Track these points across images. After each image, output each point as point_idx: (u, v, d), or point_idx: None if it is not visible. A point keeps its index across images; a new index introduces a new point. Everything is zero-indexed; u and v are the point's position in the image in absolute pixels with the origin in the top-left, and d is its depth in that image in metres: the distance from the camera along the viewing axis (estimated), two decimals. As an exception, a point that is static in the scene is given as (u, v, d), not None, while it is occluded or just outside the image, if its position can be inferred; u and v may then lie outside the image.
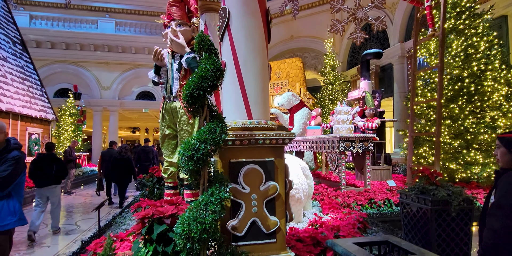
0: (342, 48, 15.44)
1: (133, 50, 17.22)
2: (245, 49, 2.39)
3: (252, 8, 2.39)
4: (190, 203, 2.99)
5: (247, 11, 2.37)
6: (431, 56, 7.31)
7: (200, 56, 1.98)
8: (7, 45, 10.27)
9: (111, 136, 17.43)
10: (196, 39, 1.93)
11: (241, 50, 2.39)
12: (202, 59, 1.91)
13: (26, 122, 9.86)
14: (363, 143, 6.21)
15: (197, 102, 1.85)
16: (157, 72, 3.11)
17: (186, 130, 2.97)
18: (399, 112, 11.53)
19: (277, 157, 2.34)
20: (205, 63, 1.84)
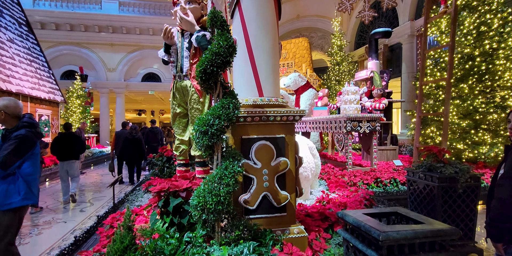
0: (349, 28, 15.12)
1: (138, 31, 17.05)
2: (256, 26, 2.38)
3: (263, -17, 2.36)
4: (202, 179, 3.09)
5: (258, -14, 2.35)
6: (442, 34, 7.15)
7: (212, 33, 1.98)
8: (13, 27, 10.22)
9: (117, 118, 17.58)
10: (208, 15, 1.93)
11: (252, 27, 2.38)
12: (214, 36, 1.92)
13: (35, 103, 9.96)
14: (370, 123, 6.22)
15: (210, 79, 1.88)
16: (167, 51, 3.11)
17: (197, 109, 3.01)
18: (407, 92, 11.42)
19: (288, 134, 2.38)
20: (218, 40, 1.85)
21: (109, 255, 1.88)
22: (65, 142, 5.92)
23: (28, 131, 2.64)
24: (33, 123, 2.73)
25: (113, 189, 3.75)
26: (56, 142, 5.94)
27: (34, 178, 2.69)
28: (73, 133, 6.14)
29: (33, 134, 2.68)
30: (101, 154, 13.40)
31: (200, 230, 1.91)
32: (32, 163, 2.68)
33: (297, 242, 2.29)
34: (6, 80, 8.28)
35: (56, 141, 5.96)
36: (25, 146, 2.61)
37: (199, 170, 3.06)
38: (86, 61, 16.91)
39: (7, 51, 9.03)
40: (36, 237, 4.10)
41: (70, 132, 6.19)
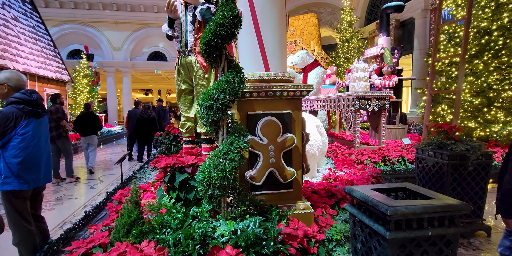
0: (360, 2, 14.57)
1: (142, 8, 16.70)
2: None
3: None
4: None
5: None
6: (458, 7, 6.83)
7: (216, 3, 1.89)
8: (16, 5, 10.07)
9: (125, 98, 17.62)
10: (211, -17, 1.83)
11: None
12: (219, 6, 1.83)
13: (43, 83, 9.99)
14: (379, 101, 6.10)
15: (215, 52, 1.81)
16: (171, 25, 3.02)
17: (202, 85, 2.95)
18: (418, 70, 11.13)
19: (295, 110, 2.33)
20: (222, 10, 1.77)
21: (117, 229, 1.90)
22: (86, 120, 6.80)
23: (13, 108, 2.43)
24: (26, 100, 2.49)
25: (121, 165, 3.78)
26: (79, 120, 6.85)
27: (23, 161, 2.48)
28: (92, 113, 6.99)
29: (21, 111, 2.46)
30: (110, 134, 13.54)
31: (206, 205, 1.91)
32: (17, 144, 2.46)
33: (303, 218, 2.30)
34: (12, 59, 8.26)
35: (79, 119, 6.87)
36: (5, 125, 2.39)
37: (205, 147, 3.04)
38: (92, 40, 16.75)
39: (12, 29, 8.95)
40: (48, 213, 4.21)
41: (90, 111, 7.04)
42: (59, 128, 5.86)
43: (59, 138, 5.89)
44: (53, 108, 5.85)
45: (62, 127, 5.88)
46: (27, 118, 2.52)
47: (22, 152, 2.48)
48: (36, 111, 2.58)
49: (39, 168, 2.63)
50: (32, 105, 2.53)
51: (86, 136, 6.95)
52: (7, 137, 2.43)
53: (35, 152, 2.58)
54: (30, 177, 2.53)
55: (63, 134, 5.94)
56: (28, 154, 2.53)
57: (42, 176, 2.66)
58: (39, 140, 2.64)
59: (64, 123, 5.87)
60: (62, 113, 5.91)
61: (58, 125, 5.84)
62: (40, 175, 2.64)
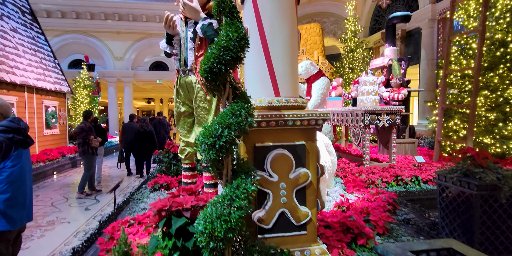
0: (364, 12, 14.40)
1: (144, 18, 16.61)
2: (271, 12, 2.00)
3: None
4: (210, 186, 2.78)
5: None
6: (470, 18, 6.58)
7: (219, 22, 1.62)
8: (16, 15, 9.92)
9: (126, 107, 17.41)
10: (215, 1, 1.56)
11: (267, 14, 2.00)
12: (222, 26, 1.56)
13: (41, 95, 9.77)
14: (389, 116, 5.81)
15: (217, 79, 1.53)
16: (170, 42, 2.75)
17: (203, 108, 2.67)
18: (425, 81, 10.85)
19: (309, 140, 2.03)
20: (227, 31, 1.50)
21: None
22: None
23: (2, 137, 2.19)
24: (14, 128, 2.26)
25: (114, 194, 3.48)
26: None
27: (11, 197, 2.21)
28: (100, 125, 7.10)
29: (10, 141, 2.21)
30: (110, 145, 13.27)
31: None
32: (5, 178, 2.20)
33: (320, 266, 1.99)
34: (9, 72, 8.05)
35: None
36: None
37: (207, 176, 2.75)
38: (93, 50, 16.64)
39: (10, 41, 8.77)
40: (37, 241, 3.90)
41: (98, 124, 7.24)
42: (85, 145, 6.00)
43: (84, 154, 6.05)
44: (82, 125, 6.10)
45: (89, 144, 5.99)
46: (16, 148, 2.27)
47: (10, 186, 2.22)
48: (25, 141, 2.34)
49: (25, 204, 2.36)
50: (21, 134, 2.29)
51: None
52: None
53: (23, 186, 2.32)
54: (16, 215, 2.26)
55: (89, 150, 6.04)
56: (17, 188, 2.26)
57: (26, 213, 2.38)
58: (26, 172, 2.38)
59: (92, 140, 6.02)
60: (90, 130, 6.09)
61: (85, 141, 6.00)
62: (24, 212, 2.36)
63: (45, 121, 9.81)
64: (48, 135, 9.90)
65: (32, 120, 9.09)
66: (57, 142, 10.45)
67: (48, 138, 9.89)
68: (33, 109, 9.22)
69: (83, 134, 5.98)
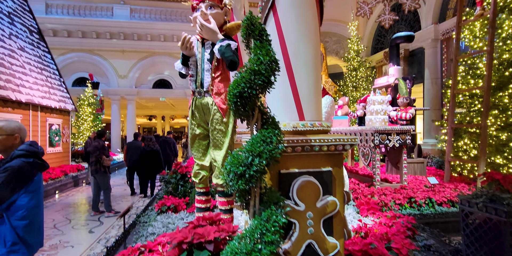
0: (366, 32, 14.63)
1: (149, 38, 16.87)
2: (295, 34, 1.96)
3: (304, -18, 1.94)
4: (225, 212, 2.65)
5: (298, -14, 1.93)
6: (476, 38, 6.61)
7: (247, 44, 1.57)
8: (24, 35, 10.06)
9: (129, 125, 17.37)
10: (243, 22, 1.51)
11: (291, 36, 1.96)
12: (251, 48, 1.50)
13: (46, 112, 9.74)
14: (399, 136, 5.73)
15: (247, 104, 1.46)
16: (185, 63, 2.71)
17: (220, 130, 2.58)
18: (430, 99, 10.85)
19: (335, 166, 1.94)
20: (257, 54, 1.44)
21: None
22: None
23: (23, 162, 2.11)
24: (34, 152, 2.20)
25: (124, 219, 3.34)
26: None
27: (30, 223, 2.11)
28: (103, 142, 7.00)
29: (31, 165, 2.14)
30: (112, 163, 13.11)
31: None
32: (26, 204, 2.10)
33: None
34: (15, 90, 8.05)
35: None
36: (15, 182, 2.06)
37: (222, 200, 2.63)
38: (98, 68, 16.79)
39: (17, 59, 8.83)
40: (39, 267, 3.73)
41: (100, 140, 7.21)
42: (97, 163, 6.06)
43: (97, 173, 6.10)
44: (96, 143, 6.17)
45: (101, 163, 6.06)
46: (36, 173, 2.20)
47: (30, 212, 2.13)
48: (44, 165, 2.28)
49: (40, 230, 2.28)
50: (39, 158, 2.23)
51: None
52: (15, 196, 2.08)
53: (40, 210, 2.25)
54: (33, 241, 2.18)
55: (102, 169, 6.10)
56: (35, 214, 2.18)
57: (41, 239, 2.30)
58: (41, 196, 2.30)
59: (104, 159, 6.09)
60: (103, 149, 6.17)
61: (97, 160, 6.07)
62: (40, 238, 2.29)
63: (48, 139, 9.74)
64: (51, 154, 9.80)
65: (36, 138, 9.02)
66: (59, 160, 10.34)
67: (51, 156, 9.77)
68: (37, 127, 9.17)
69: (96, 152, 6.03)
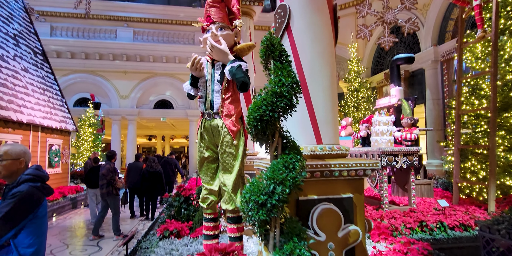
0: (366, 54, 14.85)
1: (151, 59, 17.08)
2: (311, 54, 1.92)
3: (319, 3, 1.92)
4: (235, 239, 2.51)
5: (313, 7, 1.91)
6: (478, 60, 6.67)
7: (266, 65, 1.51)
8: (28, 56, 10.16)
9: (129, 145, 17.24)
10: (262, 43, 1.47)
11: (306, 56, 1.92)
12: (271, 70, 1.45)
13: (46, 133, 9.66)
14: (407, 157, 5.63)
15: (268, 128, 1.38)
16: (194, 84, 2.66)
17: (230, 153, 2.49)
18: (432, 120, 10.83)
19: (356, 192, 1.84)
20: (278, 75, 1.38)
21: None
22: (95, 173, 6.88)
23: (31, 186, 2.01)
24: (41, 176, 2.12)
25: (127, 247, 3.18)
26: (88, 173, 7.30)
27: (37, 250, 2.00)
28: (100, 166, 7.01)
29: (39, 190, 2.05)
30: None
31: None
32: (34, 230, 1.99)
33: None
34: (17, 110, 8.01)
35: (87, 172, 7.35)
36: (24, 208, 1.95)
37: (231, 227, 2.49)
38: (100, 89, 16.87)
39: (20, 80, 8.86)
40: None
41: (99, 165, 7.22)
42: (109, 186, 5.99)
43: (108, 196, 6.00)
44: (108, 166, 6.13)
45: (113, 185, 6.00)
46: (43, 197, 2.12)
47: (37, 239, 2.03)
48: (51, 189, 2.19)
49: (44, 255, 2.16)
50: (45, 182, 2.14)
51: (95, 188, 7.04)
52: (24, 222, 1.98)
53: (45, 237, 2.15)
54: None
55: (113, 191, 6.01)
56: (42, 241, 2.08)
57: None
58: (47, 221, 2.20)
59: (118, 181, 6.04)
60: (115, 172, 6.14)
61: (109, 183, 5.99)
62: None
63: (48, 160, 9.58)
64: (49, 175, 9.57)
65: (35, 158, 8.88)
66: (58, 182, 10.14)
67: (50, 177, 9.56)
68: (37, 148, 9.05)
69: (109, 175, 5.97)
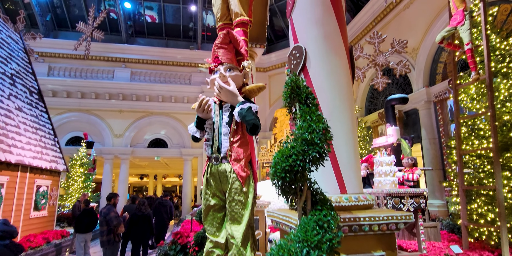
0: (359, 94, 15.19)
1: (147, 98, 17.21)
2: (330, 97, 1.83)
3: (336, 44, 1.88)
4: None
5: (330, 48, 1.87)
6: (473, 100, 6.77)
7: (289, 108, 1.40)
8: (23, 95, 10.11)
9: (120, 185, 16.69)
10: (286, 85, 1.38)
11: (325, 99, 1.83)
12: (297, 114, 1.33)
13: (35, 174, 9.27)
14: (413, 199, 5.44)
15: (297, 180, 1.22)
16: (200, 126, 2.54)
17: (239, 201, 2.29)
18: (430, 159, 10.77)
19: (388, 250, 1.63)
20: (307, 120, 1.26)
21: None
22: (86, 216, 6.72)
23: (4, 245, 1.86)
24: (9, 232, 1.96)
25: None
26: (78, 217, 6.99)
27: None
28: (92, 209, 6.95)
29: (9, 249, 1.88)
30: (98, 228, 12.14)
31: None
32: None
33: None
34: (6, 150, 7.73)
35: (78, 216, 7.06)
36: None
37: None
38: (93, 127, 16.70)
39: (13, 119, 8.70)
40: None
41: (90, 208, 7.10)
42: (111, 233, 5.62)
43: (109, 244, 5.63)
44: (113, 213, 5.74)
45: (115, 232, 5.63)
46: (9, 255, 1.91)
47: None
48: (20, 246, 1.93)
49: None
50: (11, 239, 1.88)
51: (85, 233, 6.80)
52: None
53: None
54: None
55: (115, 238, 5.66)
56: None
57: None
58: None
59: (122, 226, 5.73)
60: (117, 217, 5.79)
61: (110, 229, 5.60)
62: None
63: (34, 202, 9.07)
64: (34, 218, 9.05)
65: (21, 201, 8.40)
66: (43, 226, 9.51)
67: (34, 221, 9.01)
68: (24, 190, 8.61)
69: (114, 222, 5.60)
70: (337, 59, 1.86)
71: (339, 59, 1.87)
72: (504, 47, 6.53)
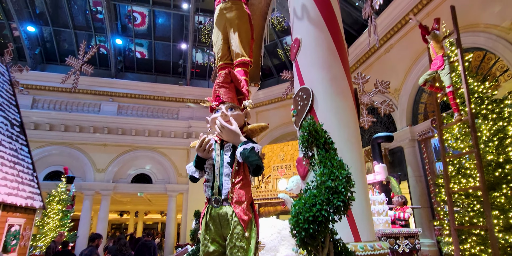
0: (345, 131, 15.48)
1: (133, 132, 16.97)
2: (339, 139, 1.84)
3: (342, 86, 1.95)
4: None
5: (336, 90, 1.93)
6: (457, 140, 6.99)
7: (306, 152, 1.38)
8: (4, 128, 9.78)
9: (100, 223, 15.79)
10: (304, 129, 1.38)
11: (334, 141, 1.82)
12: (317, 160, 1.31)
13: (8, 211, 8.67)
14: (408, 240, 5.34)
15: (321, 231, 1.17)
16: (200, 166, 2.47)
17: (240, 247, 2.17)
18: (417, 197, 10.80)
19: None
20: (328, 166, 1.24)
21: None
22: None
23: None
24: None
25: None
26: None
27: None
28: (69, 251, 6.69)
29: None
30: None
31: None
32: None
33: None
34: (-20, 186, 7.28)
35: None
36: None
37: None
38: (75, 161, 16.11)
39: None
40: None
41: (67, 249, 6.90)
42: None
43: None
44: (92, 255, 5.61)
45: None
46: None
47: None
48: None
49: None
50: None
51: None
52: None
53: None
54: None
55: None
56: None
57: None
58: None
59: None
60: None
61: None
62: None
63: (3, 244, 8.38)
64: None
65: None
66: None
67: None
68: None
69: None
70: (344, 101, 1.91)
71: (346, 100, 1.91)
72: (482, 90, 6.92)
